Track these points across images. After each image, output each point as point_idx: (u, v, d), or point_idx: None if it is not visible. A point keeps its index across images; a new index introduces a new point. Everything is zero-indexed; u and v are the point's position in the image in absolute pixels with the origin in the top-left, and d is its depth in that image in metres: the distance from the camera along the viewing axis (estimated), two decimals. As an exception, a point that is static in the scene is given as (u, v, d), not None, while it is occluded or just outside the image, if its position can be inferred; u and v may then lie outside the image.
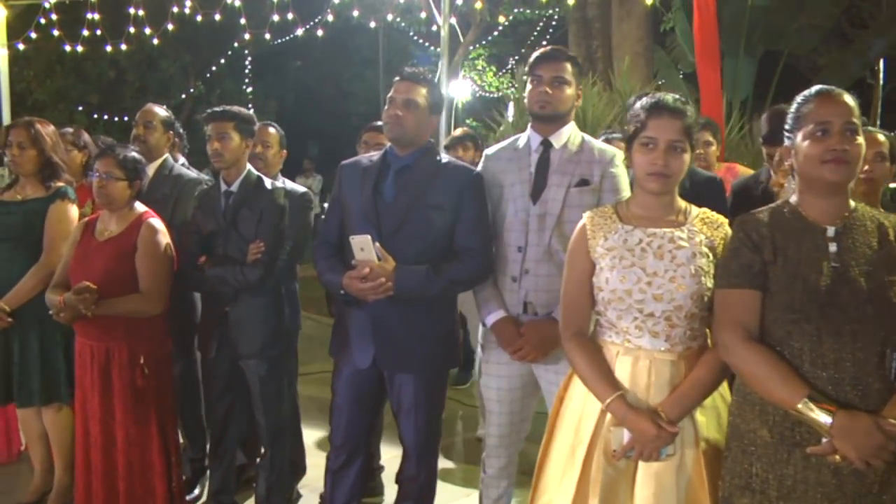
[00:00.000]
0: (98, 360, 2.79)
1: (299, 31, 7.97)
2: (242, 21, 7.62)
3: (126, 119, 14.64)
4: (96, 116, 14.75)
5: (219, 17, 7.60)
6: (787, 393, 1.66)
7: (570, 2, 7.33)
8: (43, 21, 7.68)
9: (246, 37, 7.92)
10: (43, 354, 3.10)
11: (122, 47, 8.27)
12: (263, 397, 2.90)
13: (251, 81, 15.22)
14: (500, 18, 9.17)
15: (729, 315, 1.79)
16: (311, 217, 3.30)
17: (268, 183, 2.90)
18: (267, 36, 7.67)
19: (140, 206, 2.90)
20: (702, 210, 2.01)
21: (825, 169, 1.72)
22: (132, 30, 7.97)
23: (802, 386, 1.66)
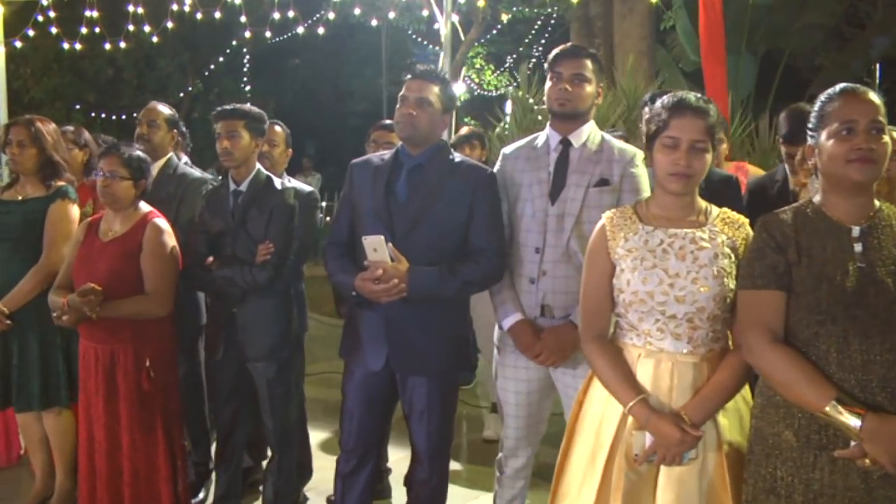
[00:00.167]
0: (103, 363, 2.74)
1: (300, 29, 7.91)
2: (242, 19, 7.57)
3: (124, 118, 14.57)
4: (93, 115, 14.68)
5: (219, 16, 7.55)
6: (815, 395, 1.63)
7: (573, 0, 7.30)
8: (41, 18, 7.61)
9: (247, 35, 7.87)
10: (42, 357, 3.06)
11: (122, 45, 8.22)
12: (271, 400, 2.86)
13: (250, 80, 15.16)
14: (504, 17, 9.10)
15: (753, 316, 1.76)
16: (318, 216, 3.27)
17: (277, 183, 2.86)
18: (268, 34, 7.62)
19: (145, 206, 2.86)
20: (722, 210, 1.98)
21: (850, 168, 1.69)
22: (131, 27, 7.91)
23: (830, 388, 1.63)
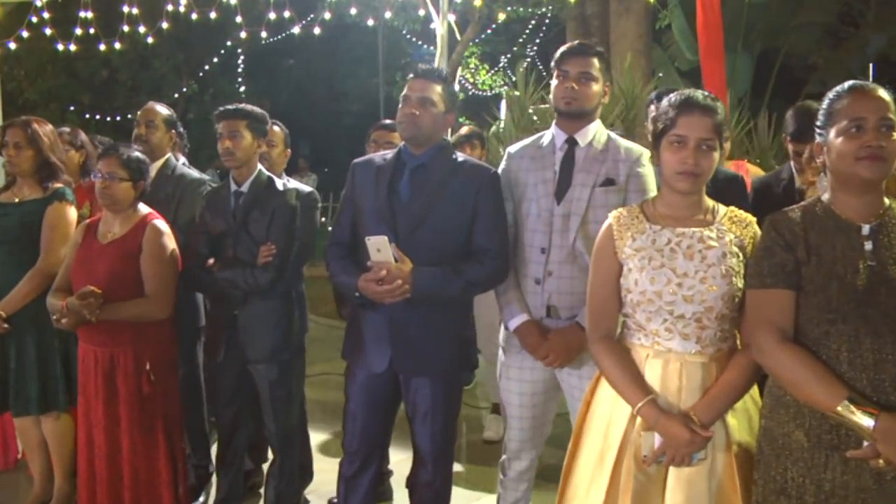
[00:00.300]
0: (102, 367, 2.71)
1: (296, 29, 7.88)
2: (238, 19, 7.54)
3: (118, 119, 14.51)
4: (88, 116, 14.62)
5: (214, 16, 7.51)
6: (826, 395, 1.62)
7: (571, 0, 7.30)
8: (35, 20, 7.56)
9: (242, 35, 7.85)
10: (40, 361, 3.03)
11: (116, 46, 8.17)
12: (273, 402, 2.83)
13: (244, 80, 15.11)
14: (501, 16, 9.07)
15: (763, 316, 1.75)
16: (318, 217, 3.24)
17: (279, 184, 2.83)
18: (263, 34, 7.59)
19: (144, 208, 2.83)
20: (729, 209, 1.97)
21: (860, 166, 1.67)
22: (126, 28, 7.87)
23: (842, 388, 1.62)
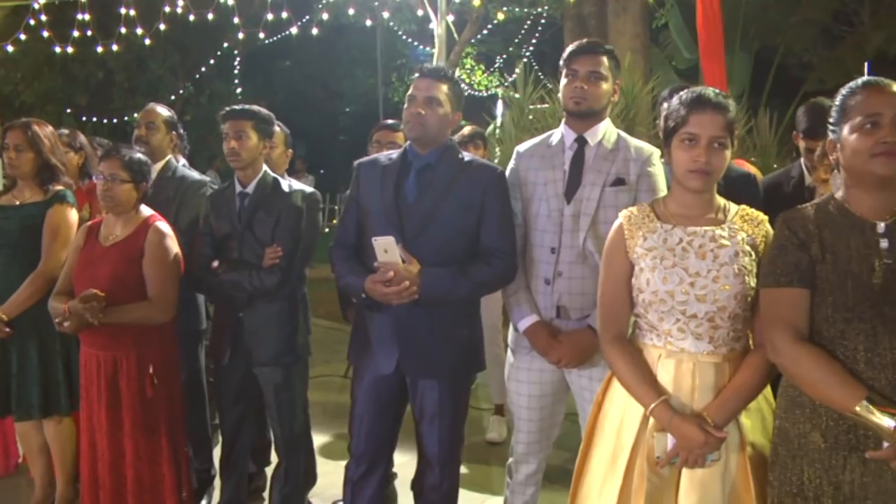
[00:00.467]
0: (105, 371, 2.69)
1: (293, 30, 7.86)
2: (236, 20, 7.51)
3: (115, 121, 14.47)
4: (85, 119, 14.56)
5: (211, 17, 7.48)
6: (844, 395, 1.60)
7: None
8: (32, 22, 7.53)
9: (240, 36, 7.82)
10: (42, 365, 3.00)
11: (114, 48, 8.14)
12: (278, 406, 2.81)
13: (241, 82, 15.06)
14: (500, 16, 9.04)
15: (777, 315, 1.72)
16: (320, 218, 3.22)
17: (285, 185, 2.81)
18: (261, 35, 7.57)
19: (146, 210, 2.81)
20: (741, 207, 1.95)
21: (875, 163, 1.66)
22: (123, 30, 7.84)
23: (860, 387, 1.60)
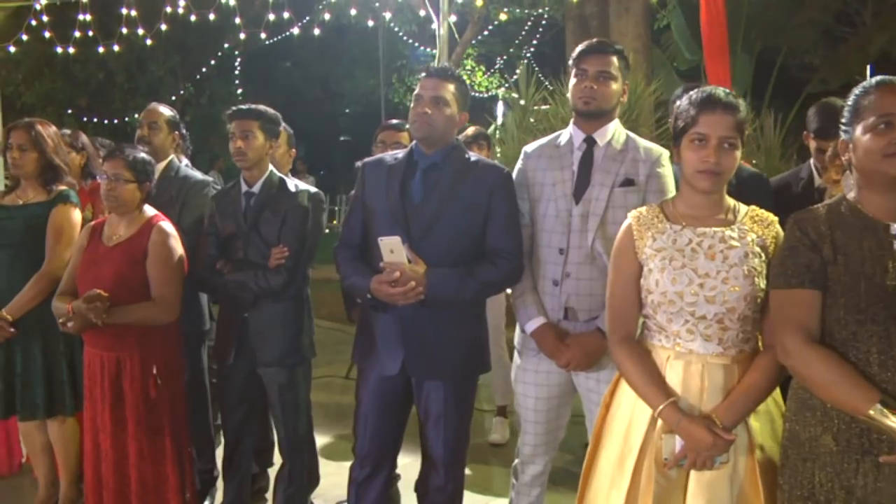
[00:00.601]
0: (109, 371, 2.67)
1: (295, 30, 7.85)
2: (237, 21, 7.50)
3: (115, 122, 14.46)
4: (85, 119, 14.56)
5: (213, 17, 7.47)
6: (857, 398, 1.58)
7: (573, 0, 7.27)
8: (34, 23, 7.53)
9: (241, 36, 7.81)
10: (46, 366, 2.99)
11: (115, 48, 8.13)
12: (283, 407, 2.80)
13: (241, 83, 15.06)
14: (502, 16, 9.03)
15: (788, 316, 1.71)
16: (324, 218, 3.21)
17: (291, 185, 2.80)
18: (262, 35, 7.56)
19: (150, 210, 2.80)
20: (750, 208, 1.94)
21: (888, 163, 1.64)
22: (125, 31, 7.83)
23: (873, 390, 1.58)
